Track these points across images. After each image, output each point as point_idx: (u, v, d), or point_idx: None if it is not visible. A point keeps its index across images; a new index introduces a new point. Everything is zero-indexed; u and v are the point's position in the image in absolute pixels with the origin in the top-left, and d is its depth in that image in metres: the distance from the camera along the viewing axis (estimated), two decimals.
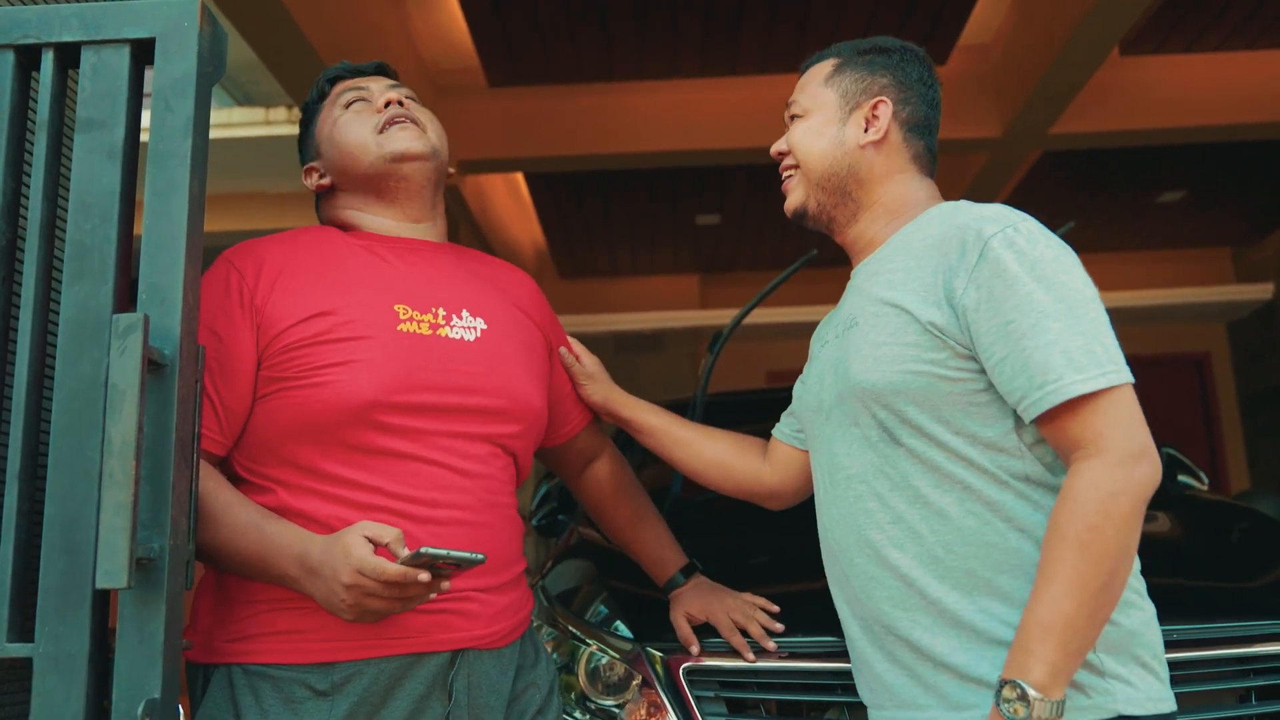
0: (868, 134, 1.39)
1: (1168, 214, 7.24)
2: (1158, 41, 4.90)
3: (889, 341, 1.26)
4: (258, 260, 1.34)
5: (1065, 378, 1.14)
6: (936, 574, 1.22)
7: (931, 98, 1.44)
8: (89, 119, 1.17)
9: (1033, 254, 1.19)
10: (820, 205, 1.42)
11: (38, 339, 1.16)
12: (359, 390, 1.25)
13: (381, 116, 1.43)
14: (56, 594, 1.07)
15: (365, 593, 1.13)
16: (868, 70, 1.42)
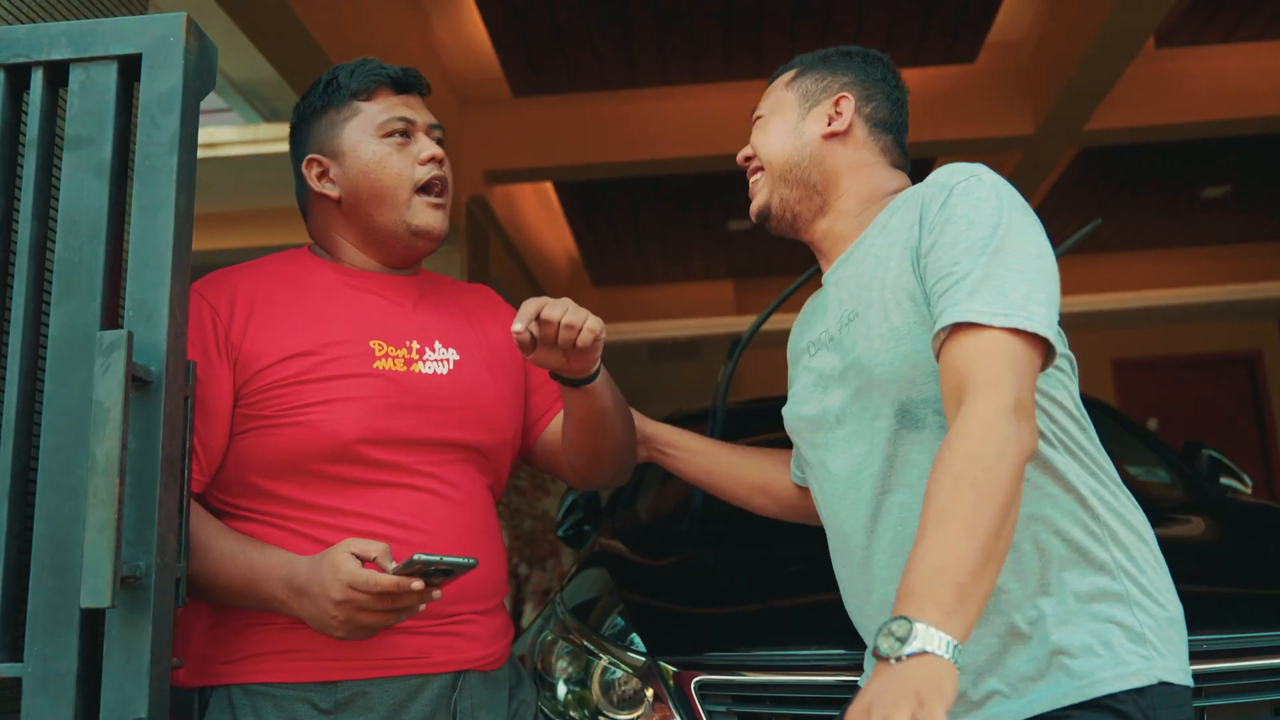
0: (830, 126, 1.38)
1: (1212, 210, 7.07)
2: (1194, 32, 4.79)
3: (897, 322, 1.22)
4: (230, 294, 1.32)
5: (966, 304, 1.11)
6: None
7: (896, 97, 1.43)
8: (77, 136, 1.17)
9: (990, 200, 1.18)
10: (784, 200, 1.39)
11: (28, 357, 1.16)
12: (340, 429, 1.25)
13: (421, 174, 1.37)
14: (45, 613, 1.06)
15: (357, 607, 1.12)
16: (828, 70, 1.43)
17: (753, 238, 7.24)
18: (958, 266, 1.15)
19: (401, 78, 1.41)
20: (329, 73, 1.42)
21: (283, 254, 1.44)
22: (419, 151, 1.38)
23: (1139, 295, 7.96)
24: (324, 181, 1.40)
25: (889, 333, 1.22)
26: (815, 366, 1.37)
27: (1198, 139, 5.41)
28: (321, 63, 3.44)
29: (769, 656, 1.59)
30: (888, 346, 1.22)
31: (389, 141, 1.37)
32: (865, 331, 1.26)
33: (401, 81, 1.41)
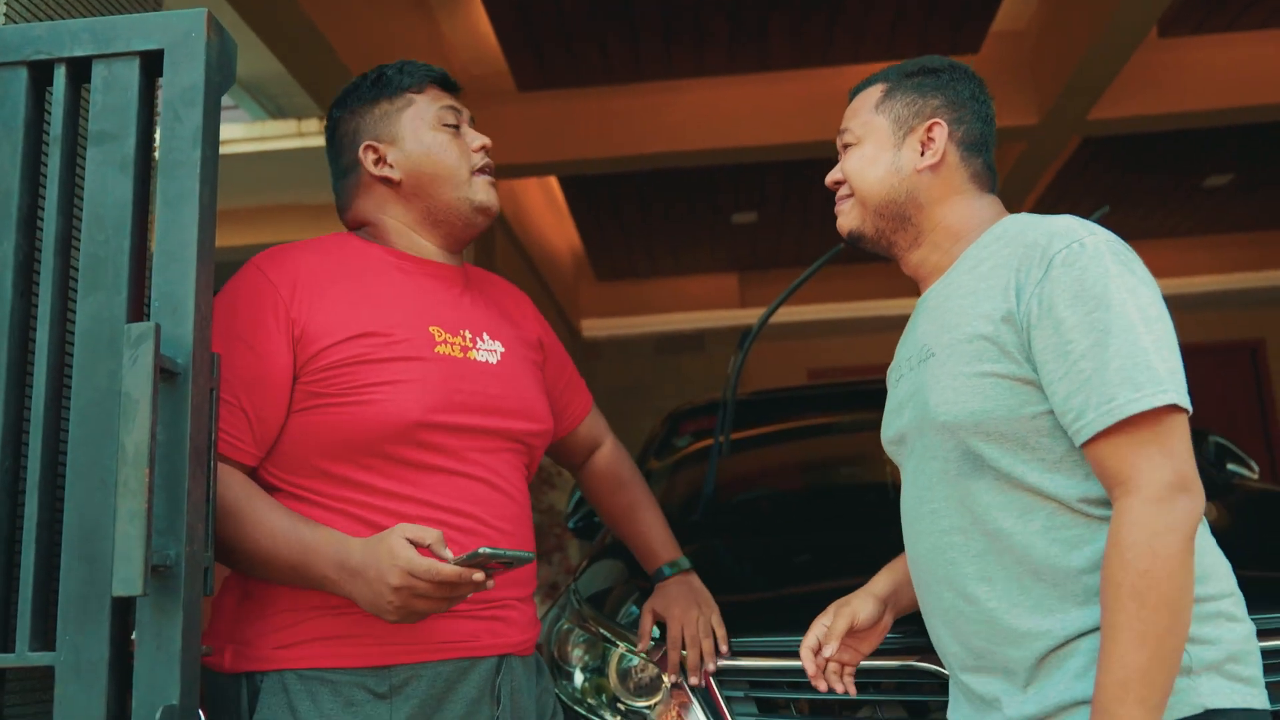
0: (924, 158, 1.36)
1: (1216, 198, 7.07)
2: (1197, 21, 4.79)
3: (966, 371, 1.23)
4: (292, 270, 1.35)
5: (1119, 397, 1.12)
6: (1027, 604, 1.20)
7: (985, 114, 1.42)
8: (101, 132, 1.19)
9: (1095, 271, 1.17)
10: (879, 231, 1.39)
11: (55, 351, 1.17)
12: (405, 410, 1.28)
13: (476, 160, 1.46)
14: (77, 603, 1.08)
15: (414, 594, 1.16)
16: (918, 93, 1.40)
17: (756, 231, 7.24)
18: (1083, 360, 1.15)
19: (446, 76, 1.51)
20: (374, 71, 1.50)
21: (331, 236, 1.47)
22: (471, 140, 1.47)
23: None
24: (383, 166, 1.44)
25: (958, 383, 1.24)
26: (899, 390, 1.40)
27: (1201, 128, 5.40)
28: (329, 59, 3.45)
29: (786, 643, 1.60)
30: (957, 398, 1.23)
31: (444, 130, 1.45)
32: (937, 373, 1.27)
33: (447, 80, 1.51)
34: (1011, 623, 1.20)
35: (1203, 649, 1.14)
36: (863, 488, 2.91)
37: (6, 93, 1.21)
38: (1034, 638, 1.19)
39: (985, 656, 1.24)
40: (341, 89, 1.53)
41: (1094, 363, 1.14)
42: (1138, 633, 1.07)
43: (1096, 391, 1.13)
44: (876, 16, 4.53)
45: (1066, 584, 1.18)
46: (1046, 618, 1.19)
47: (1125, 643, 1.08)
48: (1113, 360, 1.13)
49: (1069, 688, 1.17)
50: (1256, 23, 4.84)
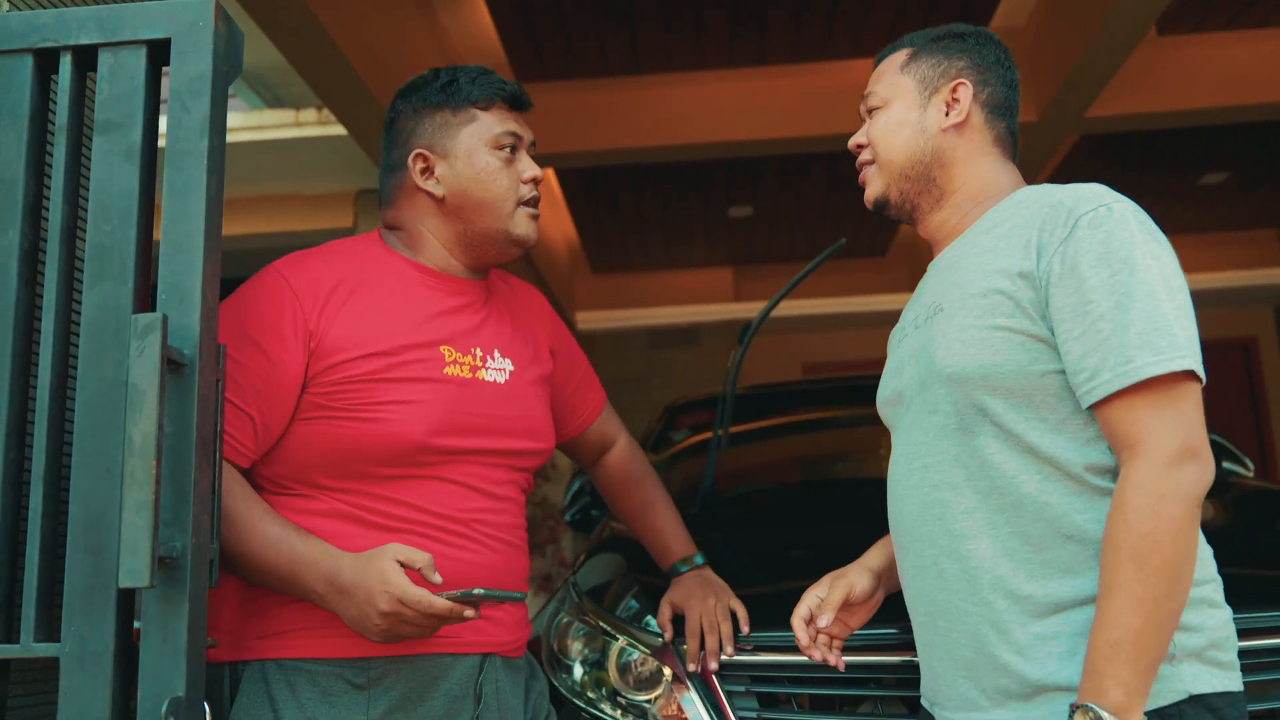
0: (949, 117, 1.36)
1: (1211, 196, 7.08)
2: (1197, 19, 4.79)
3: (978, 324, 1.23)
4: (313, 279, 1.34)
5: (1137, 359, 1.12)
6: (1010, 566, 1.19)
7: (1010, 79, 1.41)
8: (107, 120, 1.18)
9: (1121, 235, 1.17)
10: (903, 194, 1.39)
11: (60, 341, 1.16)
12: (410, 430, 1.29)
13: (524, 192, 1.43)
14: (82, 594, 1.07)
15: (401, 620, 1.17)
16: (944, 54, 1.40)
17: (752, 225, 7.24)
18: (1103, 320, 1.14)
19: (518, 95, 1.45)
20: (447, 73, 1.44)
21: (355, 240, 1.46)
22: (523, 170, 1.43)
23: None
24: (429, 178, 1.42)
25: (967, 335, 1.23)
26: (900, 350, 1.39)
27: (1198, 126, 5.41)
28: (328, 49, 3.44)
29: (788, 637, 1.60)
30: (965, 350, 1.23)
31: (499, 154, 1.41)
32: (944, 326, 1.27)
33: (516, 99, 1.45)
34: (992, 584, 1.20)
35: (1186, 636, 1.14)
36: (859, 482, 2.92)
37: (12, 80, 1.20)
38: (1015, 600, 1.18)
39: (960, 619, 1.22)
40: (410, 80, 1.49)
41: (1114, 324, 1.14)
42: (1135, 595, 1.07)
43: (1114, 352, 1.13)
44: (876, 13, 4.53)
45: (1053, 549, 1.18)
46: (1028, 582, 1.18)
47: (1121, 604, 1.07)
48: (1134, 323, 1.13)
49: (1053, 671, 1.16)
50: (1255, 21, 4.84)
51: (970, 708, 1.23)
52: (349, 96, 3.81)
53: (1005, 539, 1.20)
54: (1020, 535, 1.19)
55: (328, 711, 1.23)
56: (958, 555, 1.23)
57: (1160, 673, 1.11)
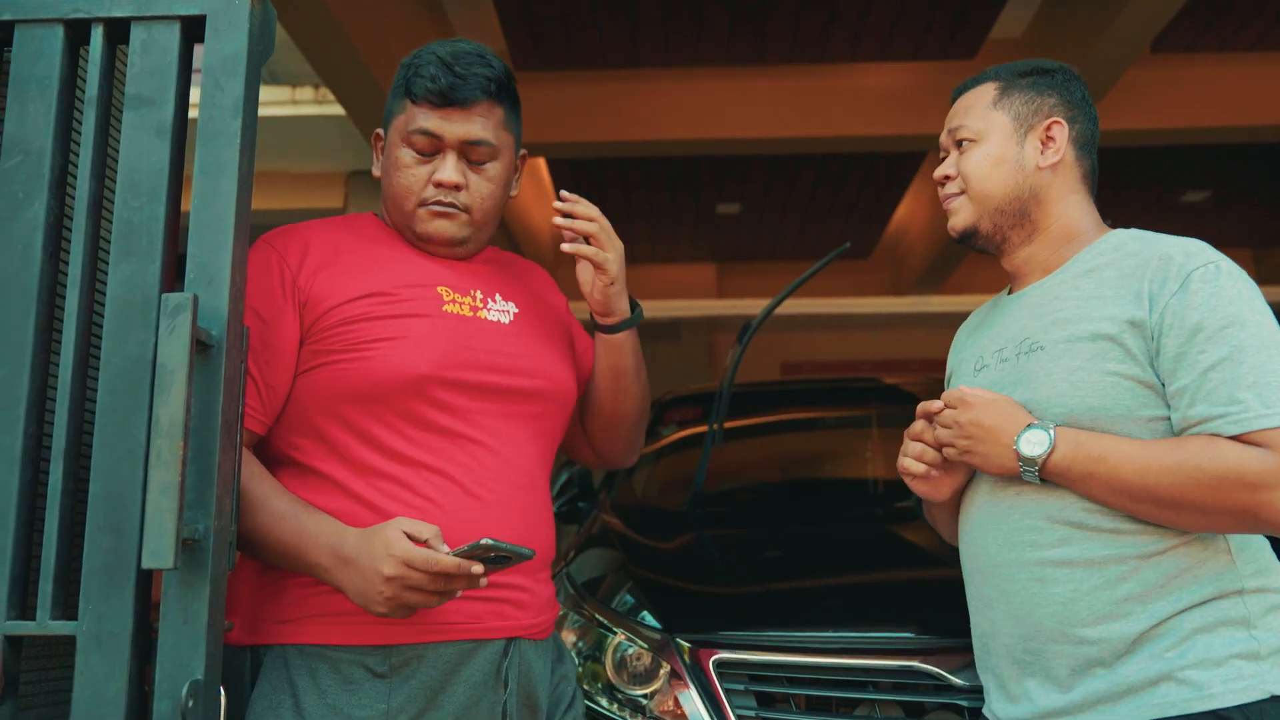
0: (1046, 155, 1.38)
1: (1192, 214, 7.19)
2: (1190, 40, 4.85)
3: (1088, 368, 1.26)
4: (301, 243, 1.35)
5: (1252, 409, 1.17)
6: (1103, 593, 1.23)
7: (1094, 115, 1.45)
8: (138, 96, 1.16)
9: (1231, 291, 1.23)
10: (996, 227, 1.40)
11: (83, 317, 1.15)
12: (411, 364, 1.27)
13: (428, 195, 1.36)
14: (100, 573, 1.06)
15: (407, 585, 1.14)
16: (1035, 91, 1.41)
17: (739, 222, 7.26)
18: (1214, 371, 1.19)
19: (445, 92, 1.35)
20: (418, 56, 1.40)
21: (350, 216, 1.47)
22: (438, 172, 1.36)
23: None
24: (378, 158, 1.43)
25: (1076, 377, 1.26)
26: (982, 379, 1.40)
27: (1185, 144, 5.48)
28: (331, 27, 3.41)
29: (787, 637, 1.62)
30: (1075, 391, 1.26)
31: (410, 152, 1.37)
32: (1049, 366, 1.29)
33: (444, 96, 1.35)
34: (1092, 607, 1.23)
35: (1269, 635, 1.20)
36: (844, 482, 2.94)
37: (41, 50, 1.18)
38: (1115, 620, 1.22)
39: (1056, 640, 1.25)
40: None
41: (1225, 375, 1.19)
42: (1155, 466, 1.18)
43: (1225, 403, 1.18)
44: (875, 19, 4.55)
45: (1148, 571, 1.22)
46: (1126, 603, 1.22)
47: (1140, 455, 1.20)
48: (1246, 375, 1.18)
49: (1150, 665, 1.20)
50: (1246, 44, 4.91)
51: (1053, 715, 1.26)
52: (349, 77, 3.79)
53: (1101, 565, 1.23)
54: (1117, 561, 1.23)
55: (348, 699, 1.22)
56: (1048, 582, 1.26)
57: (1244, 670, 1.18)
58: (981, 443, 1.27)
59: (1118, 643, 1.21)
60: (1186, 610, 1.21)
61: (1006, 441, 1.25)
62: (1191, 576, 1.22)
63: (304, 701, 1.21)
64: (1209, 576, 1.22)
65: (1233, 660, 1.18)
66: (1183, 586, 1.21)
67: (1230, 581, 1.22)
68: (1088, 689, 1.22)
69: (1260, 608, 1.22)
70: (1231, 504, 1.17)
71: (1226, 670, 1.18)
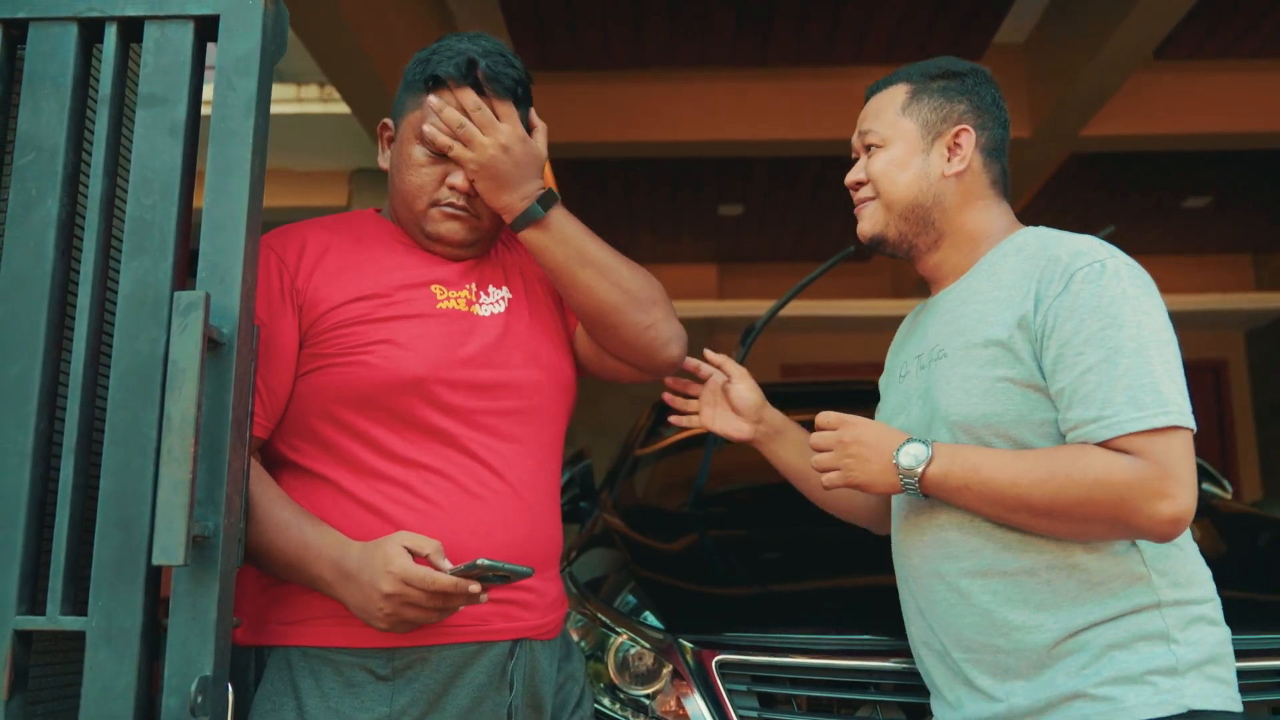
0: (952, 164, 1.39)
1: (1192, 219, 7.19)
2: (1193, 47, 4.86)
3: (980, 374, 1.27)
4: (298, 244, 1.35)
5: (1123, 414, 1.17)
6: (1017, 602, 1.24)
7: (1005, 119, 1.45)
8: (151, 94, 1.17)
9: (1113, 291, 1.22)
10: (901, 234, 1.41)
11: (96, 314, 1.16)
12: (407, 367, 1.27)
13: (441, 196, 1.35)
14: (110, 569, 1.07)
15: (405, 602, 1.14)
16: (944, 97, 1.41)
17: (741, 223, 7.26)
18: (1090, 373, 1.19)
19: (467, 75, 1.32)
20: (434, 50, 1.36)
21: (352, 213, 1.47)
22: (451, 175, 1.34)
23: None
24: (385, 150, 1.42)
25: (970, 384, 1.28)
26: (904, 389, 1.42)
27: (1187, 150, 5.49)
28: (336, 23, 3.41)
29: (790, 639, 1.62)
30: (968, 399, 1.27)
31: (424, 150, 1.35)
32: (949, 373, 1.31)
33: (470, 79, 1.32)
34: (1006, 617, 1.24)
35: (1188, 650, 1.20)
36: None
37: (56, 48, 1.19)
38: (1027, 631, 1.23)
39: (976, 650, 1.27)
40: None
41: (1100, 377, 1.18)
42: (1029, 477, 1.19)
43: (1099, 406, 1.18)
44: (880, 21, 4.55)
45: (1059, 582, 1.23)
46: (1038, 613, 1.23)
47: (1017, 466, 1.20)
48: (1121, 378, 1.18)
49: (1066, 681, 1.20)
50: (1248, 52, 4.92)
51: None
52: (355, 75, 3.79)
53: (1013, 573, 1.25)
54: (1027, 571, 1.24)
55: (350, 702, 1.21)
56: (965, 592, 1.27)
57: (1161, 685, 1.17)
58: (865, 461, 1.28)
59: (1033, 654, 1.22)
60: (1101, 624, 1.21)
61: (888, 455, 1.26)
62: (1106, 590, 1.22)
63: (306, 704, 1.21)
64: (1123, 590, 1.22)
65: (1149, 676, 1.18)
66: (1097, 599, 1.22)
67: (1146, 595, 1.22)
68: (1011, 702, 1.24)
69: (1180, 621, 1.21)
70: (1102, 513, 1.17)
71: (1141, 686, 1.18)
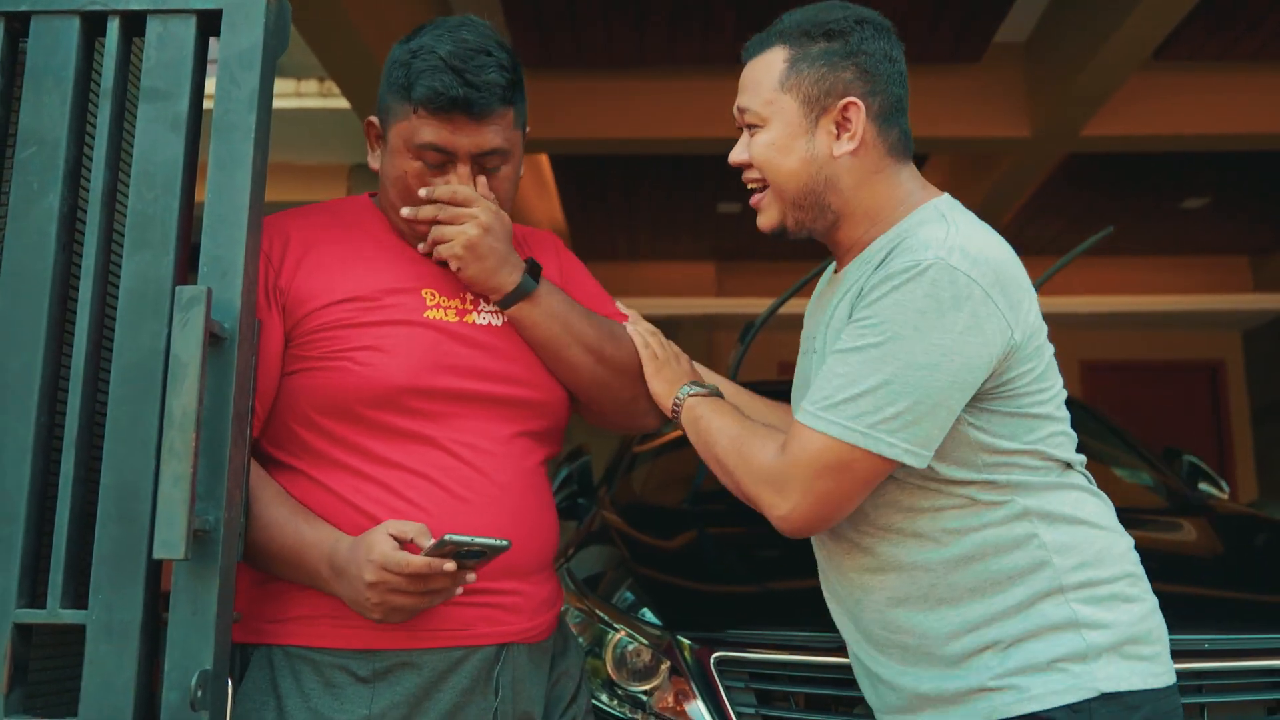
0: (841, 143, 1.26)
1: (1191, 220, 7.20)
2: (1193, 48, 4.86)
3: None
4: (281, 238, 1.32)
5: (809, 401, 1.18)
6: (915, 600, 1.23)
7: (899, 73, 1.28)
8: (153, 89, 1.17)
9: (910, 296, 1.14)
10: (799, 222, 1.31)
11: (97, 308, 1.16)
12: (385, 376, 1.25)
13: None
14: (111, 563, 1.07)
15: (389, 589, 1.13)
16: (827, 65, 1.25)
17: (740, 221, 7.26)
18: (832, 358, 1.19)
19: (459, 100, 1.26)
20: (414, 52, 1.30)
21: (344, 200, 1.45)
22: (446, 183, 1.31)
23: (1112, 300, 8.10)
24: (375, 149, 1.39)
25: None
26: (802, 367, 1.41)
27: (1186, 151, 5.50)
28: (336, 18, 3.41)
29: (788, 636, 1.63)
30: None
31: (418, 164, 1.30)
32: (811, 370, 1.32)
33: (458, 103, 1.26)
34: (908, 615, 1.23)
35: (1098, 633, 1.17)
36: None
37: (58, 42, 1.19)
38: (929, 631, 1.22)
39: (883, 646, 1.26)
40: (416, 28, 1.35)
41: (831, 367, 1.18)
42: (725, 440, 1.28)
43: (822, 393, 1.17)
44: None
45: (956, 575, 1.21)
46: (939, 609, 1.21)
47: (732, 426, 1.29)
48: (838, 373, 1.16)
49: (973, 676, 1.19)
50: (1247, 54, 4.92)
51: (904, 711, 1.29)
52: (355, 70, 3.79)
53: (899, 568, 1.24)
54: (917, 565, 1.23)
55: (330, 703, 1.20)
56: (866, 587, 1.27)
57: (1071, 669, 1.16)
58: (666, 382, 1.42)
59: (938, 650, 1.21)
60: (1004, 617, 1.18)
61: (675, 389, 1.40)
62: (1007, 580, 1.19)
63: (286, 704, 1.21)
64: (1022, 578, 1.18)
65: (1058, 663, 1.16)
66: (999, 590, 1.19)
67: (1048, 582, 1.18)
68: (919, 694, 1.23)
69: (1087, 602, 1.18)
70: (750, 493, 1.23)
71: (1050, 674, 1.16)
